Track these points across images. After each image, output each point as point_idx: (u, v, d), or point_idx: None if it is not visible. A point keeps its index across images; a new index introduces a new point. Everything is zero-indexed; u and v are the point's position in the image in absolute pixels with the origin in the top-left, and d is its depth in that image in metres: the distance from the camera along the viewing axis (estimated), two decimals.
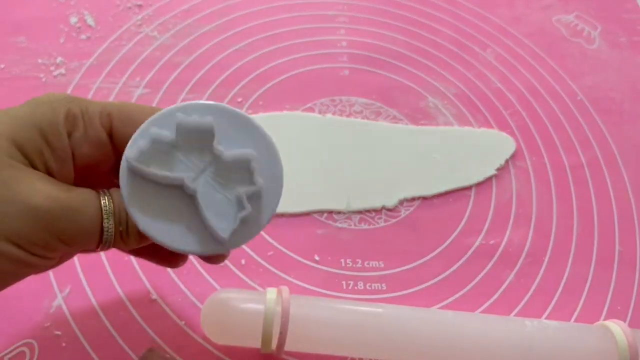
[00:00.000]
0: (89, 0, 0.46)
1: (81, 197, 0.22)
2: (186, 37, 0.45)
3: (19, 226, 0.21)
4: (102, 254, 0.34)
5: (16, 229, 0.21)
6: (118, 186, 0.22)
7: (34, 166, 0.22)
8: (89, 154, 0.23)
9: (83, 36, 0.44)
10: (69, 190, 0.22)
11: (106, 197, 0.23)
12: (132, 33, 0.44)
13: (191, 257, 0.34)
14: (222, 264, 0.34)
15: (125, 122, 0.23)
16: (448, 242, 0.38)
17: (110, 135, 0.23)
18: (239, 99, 0.42)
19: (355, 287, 0.35)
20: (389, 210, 0.38)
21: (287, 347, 0.30)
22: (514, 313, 0.35)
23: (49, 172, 0.22)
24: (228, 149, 0.22)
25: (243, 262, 0.35)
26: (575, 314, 0.36)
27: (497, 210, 0.39)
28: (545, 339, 0.31)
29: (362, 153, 0.40)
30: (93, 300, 0.32)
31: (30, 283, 0.25)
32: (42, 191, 0.21)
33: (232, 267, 0.35)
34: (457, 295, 0.36)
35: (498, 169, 0.41)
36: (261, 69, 0.44)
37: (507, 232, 0.38)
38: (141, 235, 0.23)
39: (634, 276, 0.38)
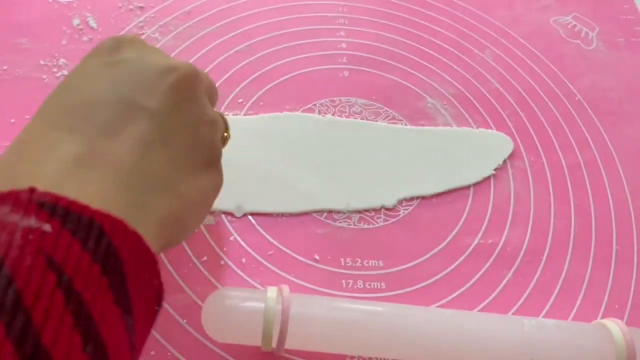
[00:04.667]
0: (91, 2, 0.46)
1: None
2: (187, 39, 0.45)
3: None
4: None
5: None
6: None
7: None
8: None
9: (85, 38, 0.44)
10: None
11: None
12: (134, 35, 0.45)
13: (193, 258, 0.35)
14: (222, 263, 0.35)
15: None
16: (447, 241, 0.38)
17: None
18: (240, 100, 0.42)
19: (355, 286, 0.36)
20: (388, 209, 0.39)
21: (287, 345, 0.30)
22: (512, 312, 0.35)
23: None
24: None
25: (243, 261, 0.35)
26: (573, 312, 0.36)
27: (495, 210, 0.40)
28: (543, 338, 0.32)
29: (362, 153, 0.41)
30: None
31: None
32: None
33: (232, 266, 0.35)
34: (455, 294, 0.36)
35: (496, 169, 0.41)
36: (262, 70, 0.44)
37: (505, 232, 0.39)
38: None
39: (631, 275, 0.38)
